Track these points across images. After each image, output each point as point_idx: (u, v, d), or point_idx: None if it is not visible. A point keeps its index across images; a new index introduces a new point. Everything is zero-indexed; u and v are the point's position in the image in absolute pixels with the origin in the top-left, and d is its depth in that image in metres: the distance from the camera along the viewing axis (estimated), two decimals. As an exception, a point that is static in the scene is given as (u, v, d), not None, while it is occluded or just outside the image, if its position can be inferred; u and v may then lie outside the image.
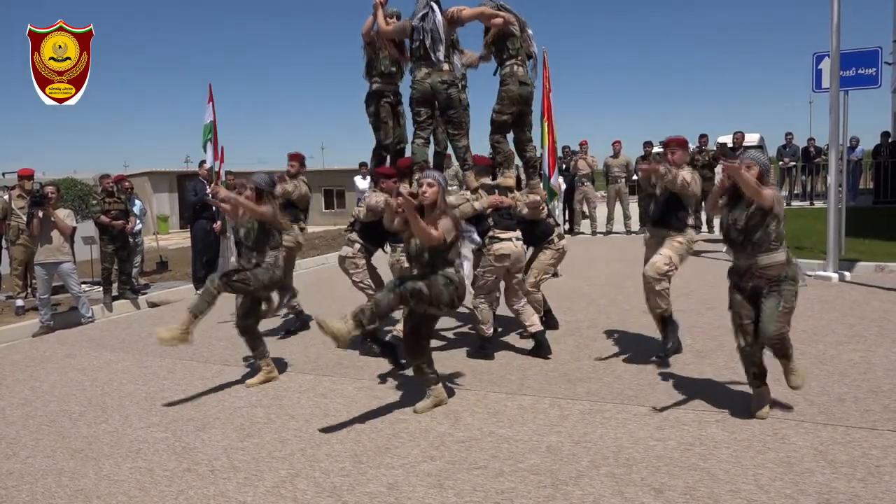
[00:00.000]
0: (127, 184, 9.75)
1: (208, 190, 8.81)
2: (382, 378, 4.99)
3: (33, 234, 7.39)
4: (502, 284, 5.39)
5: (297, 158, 6.76)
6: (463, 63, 5.68)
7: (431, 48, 5.00)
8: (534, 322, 5.30)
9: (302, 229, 6.77)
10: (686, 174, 4.69)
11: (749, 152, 3.81)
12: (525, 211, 5.44)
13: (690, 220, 4.86)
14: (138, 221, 9.72)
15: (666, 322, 4.93)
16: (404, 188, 4.50)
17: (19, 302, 8.18)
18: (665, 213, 4.86)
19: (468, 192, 5.23)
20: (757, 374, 3.83)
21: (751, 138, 18.30)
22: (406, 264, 5.00)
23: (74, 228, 7.61)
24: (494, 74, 5.54)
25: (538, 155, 6.52)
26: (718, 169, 12.03)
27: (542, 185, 6.11)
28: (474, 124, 6.12)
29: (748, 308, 3.75)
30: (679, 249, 4.78)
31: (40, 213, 7.22)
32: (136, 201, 10.52)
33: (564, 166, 13.63)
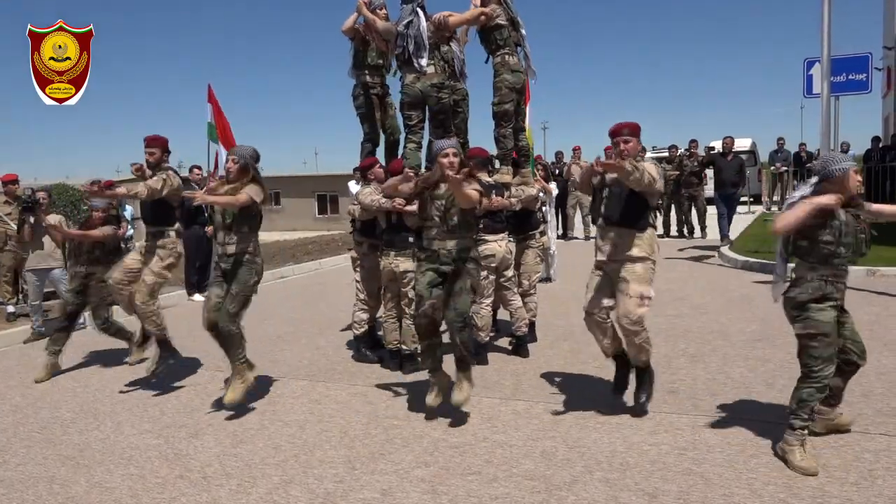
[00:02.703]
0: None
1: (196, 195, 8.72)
2: (376, 384, 4.97)
3: (25, 241, 7.34)
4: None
5: (157, 143, 5.10)
6: (461, 49, 5.66)
7: (414, 54, 5.01)
8: (521, 326, 5.54)
9: (178, 234, 5.35)
10: (651, 169, 3.75)
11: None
12: (519, 207, 5.52)
13: (651, 218, 3.94)
14: (130, 227, 9.67)
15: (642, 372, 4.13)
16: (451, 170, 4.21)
17: (10, 308, 8.12)
18: (627, 210, 3.87)
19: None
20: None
21: (743, 143, 18.37)
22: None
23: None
24: (486, 62, 5.57)
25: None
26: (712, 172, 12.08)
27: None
28: (474, 119, 6.14)
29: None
30: (645, 275, 3.82)
31: (31, 219, 7.18)
32: (128, 206, 10.48)
33: (557, 171, 13.69)
